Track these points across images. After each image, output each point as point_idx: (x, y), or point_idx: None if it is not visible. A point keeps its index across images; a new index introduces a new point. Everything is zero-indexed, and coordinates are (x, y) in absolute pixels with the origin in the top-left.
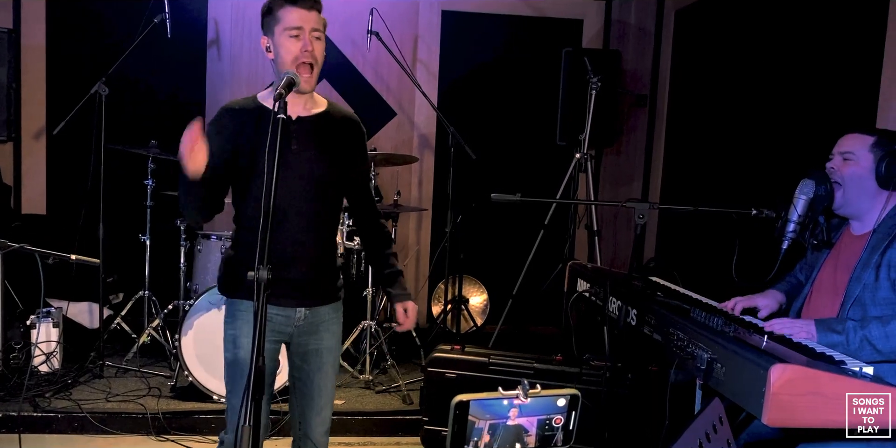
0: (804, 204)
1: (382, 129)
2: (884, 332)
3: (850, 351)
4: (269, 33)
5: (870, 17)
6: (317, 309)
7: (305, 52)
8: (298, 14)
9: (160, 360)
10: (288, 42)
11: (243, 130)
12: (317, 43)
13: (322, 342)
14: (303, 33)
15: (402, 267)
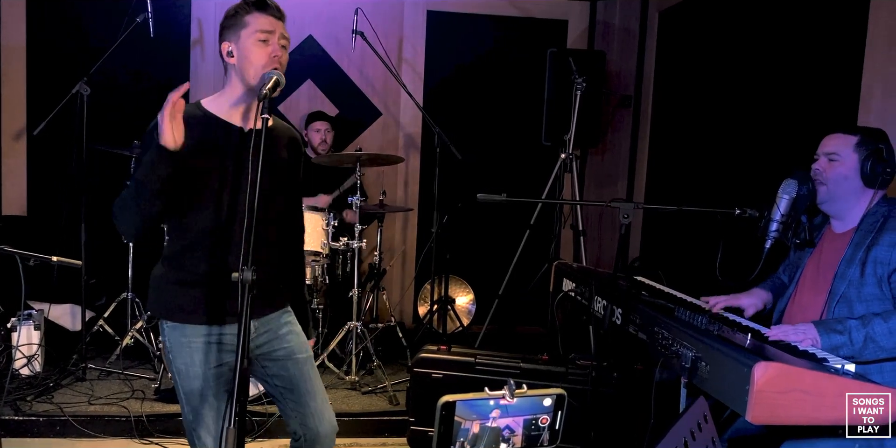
0: (787, 203)
1: (368, 129)
2: (886, 329)
3: (855, 350)
4: (233, 38)
5: (851, 17)
6: (266, 318)
7: (275, 57)
8: (268, 19)
9: (144, 363)
10: (256, 46)
11: (203, 137)
12: (283, 51)
13: (290, 344)
14: (272, 38)
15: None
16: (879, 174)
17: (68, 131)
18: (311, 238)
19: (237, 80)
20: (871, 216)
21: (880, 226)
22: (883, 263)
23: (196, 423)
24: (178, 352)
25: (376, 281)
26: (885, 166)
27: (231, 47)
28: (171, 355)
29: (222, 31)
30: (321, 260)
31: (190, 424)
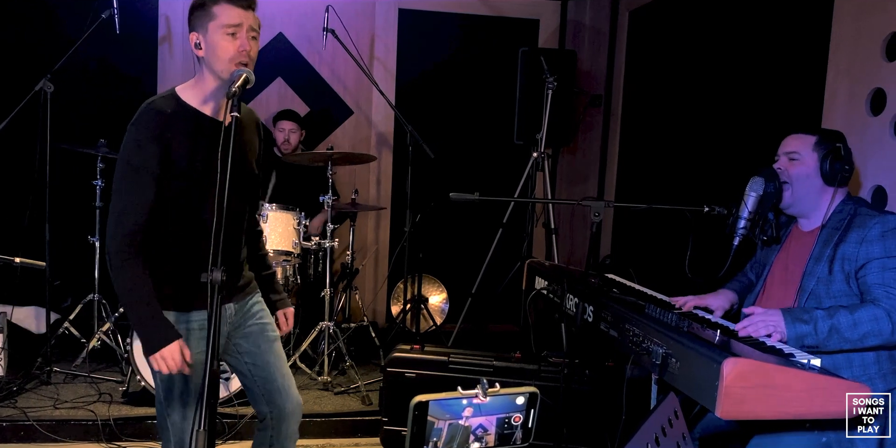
0: (754, 201)
1: (339, 128)
2: (852, 320)
3: (819, 340)
4: (201, 30)
5: (816, 19)
6: (243, 301)
7: (243, 51)
8: (236, 12)
9: (111, 365)
10: (224, 40)
11: (169, 133)
12: (253, 43)
13: (261, 322)
14: (240, 31)
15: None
16: (839, 172)
17: (31, 129)
18: (282, 238)
19: (206, 71)
20: (837, 214)
21: (847, 224)
22: (850, 260)
23: (169, 405)
24: None
25: (349, 280)
26: (843, 164)
27: (199, 39)
28: None
29: (190, 20)
30: (292, 260)
31: (162, 406)
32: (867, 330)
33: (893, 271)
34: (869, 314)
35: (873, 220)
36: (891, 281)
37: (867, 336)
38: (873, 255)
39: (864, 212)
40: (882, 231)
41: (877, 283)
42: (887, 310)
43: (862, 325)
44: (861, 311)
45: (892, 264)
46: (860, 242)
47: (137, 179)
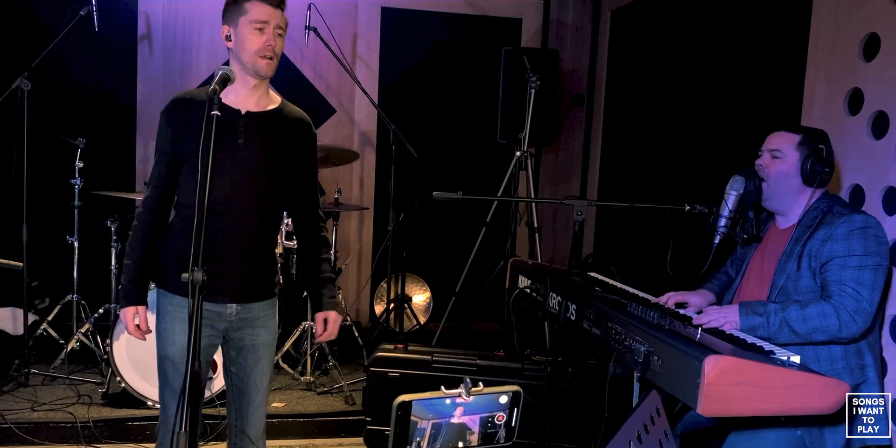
0: (735, 199)
1: (322, 127)
2: (802, 315)
3: (770, 332)
4: (232, 23)
5: (795, 18)
6: (249, 305)
7: (268, 46)
8: (266, 9)
9: (90, 367)
10: (252, 35)
11: (192, 121)
12: (279, 39)
13: (258, 338)
14: (268, 28)
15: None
16: (818, 174)
17: (9, 128)
18: None
19: (234, 63)
20: (811, 212)
21: (818, 221)
22: (816, 257)
23: (164, 386)
24: (162, 316)
25: None
26: (823, 166)
27: (229, 32)
28: (158, 318)
29: (224, 14)
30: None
31: (160, 388)
32: (815, 325)
33: (852, 270)
34: (818, 310)
35: (841, 219)
36: (847, 279)
37: (815, 331)
38: (836, 253)
39: (836, 210)
40: (848, 230)
41: (833, 280)
42: (836, 307)
43: (811, 320)
44: (812, 307)
45: (852, 263)
46: (826, 240)
47: (158, 158)
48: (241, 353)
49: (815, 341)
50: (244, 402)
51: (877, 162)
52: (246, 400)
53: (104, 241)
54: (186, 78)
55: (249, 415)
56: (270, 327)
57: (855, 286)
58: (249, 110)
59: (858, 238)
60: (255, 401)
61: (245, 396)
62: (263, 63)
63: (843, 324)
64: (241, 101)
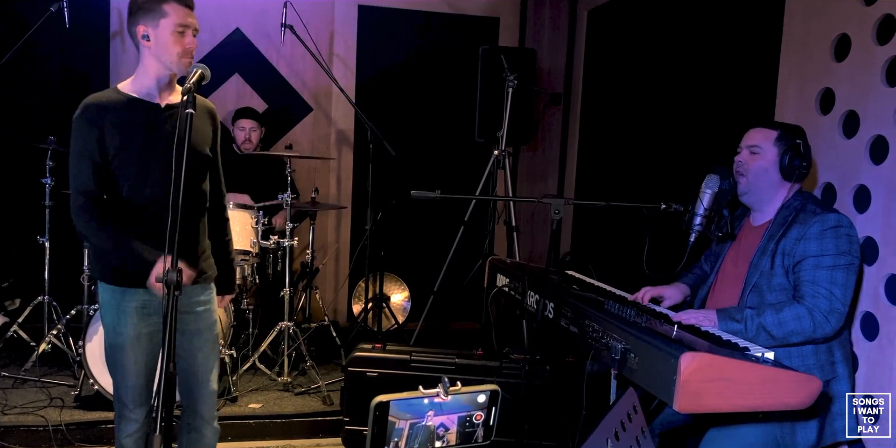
0: (709, 198)
1: (299, 125)
2: (777, 319)
3: (749, 338)
4: (151, 24)
5: (768, 20)
6: (190, 289)
7: (190, 49)
8: (186, 12)
9: (63, 369)
10: (174, 37)
11: (112, 121)
12: (194, 40)
13: (200, 322)
14: (188, 32)
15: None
16: (797, 168)
17: None
18: (240, 237)
19: (152, 61)
20: (785, 209)
21: (792, 219)
22: (789, 255)
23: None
24: (107, 310)
25: (309, 280)
26: (801, 160)
27: (147, 32)
28: (102, 311)
29: (137, 11)
30: (251, 259)
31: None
32: (791, 328)
33: (825, 270)
34: (792, 313)
35: (814, 218)
36: (820, 279)
37: (791, 334)
38: (809, 252)
39: (809, 208)
40: (821, 229)
41: (807, 280)
42: (809, 308)
43: (786, 323)
44: (786, 310)
45: (825, 263)
46: (799, 239)
47: (80, 160)
48: (186, 339)
49: (793, 343)
50: (193, 382)
51: (848, 160)
52: (194, 379)
53: (76, 242)
54: None
55: (200, 394)
56: (212, 310)
57: (828, 286)
58: (168, 104)
59: (831, 237)
60: (204, 379)
61: (193, 376)
62: (186, 63)
63: (818, 325)
64: (157, 95)
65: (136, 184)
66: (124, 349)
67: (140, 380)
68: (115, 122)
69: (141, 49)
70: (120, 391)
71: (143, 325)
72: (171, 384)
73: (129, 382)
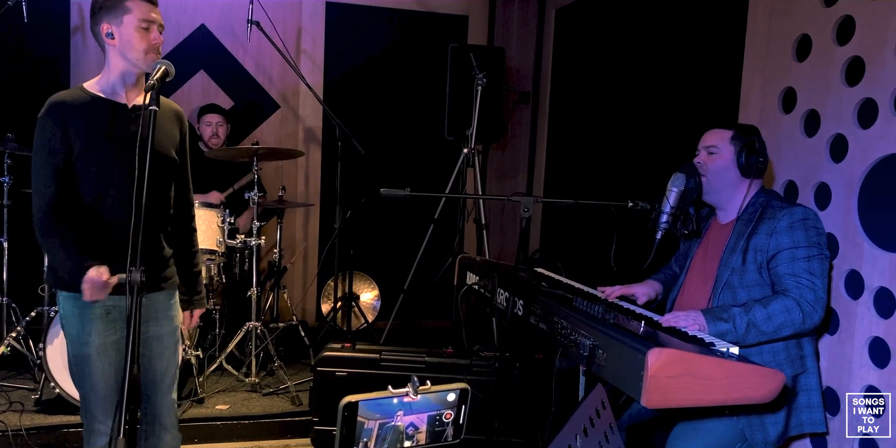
0: (676, 196)
1: (265, 122)
2: (766, 314)
3: (739, 336)
4: (115, 22)
5: (732, 19)
6: (150, 296)
7: (155, 44)
8: (149, 8)
9: (22, 372)
10: (139, 33)
11: (77, 120)
12: (160, 36)
13: (162, 328)
14: (153, 27)
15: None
16: (754, 164)
17: None
18: (206, 236)
19: (118, 59)
20: (750, 206)
21: (759, 216)
22: (762, 251)
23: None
24: (69, 320)
25: (276, 279)
26: (758, 156)
27: (111, 30)
28: (63, 322)
29: (99, 10)
30: (217, 258)
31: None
32: (781, 321)
33: (802, 261)
34: (781, 306)
35: (782, 212)
36: (800, 271)
37: (782, 327)
38: (782, 245)
39: (774, 204)
40: (790, 222)
41: (787, 273)
42: (797, 299)
43: (776, 317)
44: (774, 303)
45: (800, 254)
46: (770, 234)
47: (44, 159)
48: (146, 345)
49: (783, 337)
50: (153, 391)
51: (809, 159)
52: (154, 387)
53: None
54: None
55: (159, 402)
56: (173, 316)
57: (809, 277)
58: (135, 103)
59: (800, 229)
60: (163, 387)
61: (153, 385)
62: (152, 59)
63: (807, 315)
64: (124, 95)
65: (99, 186)
66: (91, 359)
67: (109, 390)
68: (80, 121)
69: (106, 48)
70: (90, 403)
71: (108, 333)
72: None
73: (99, 393)
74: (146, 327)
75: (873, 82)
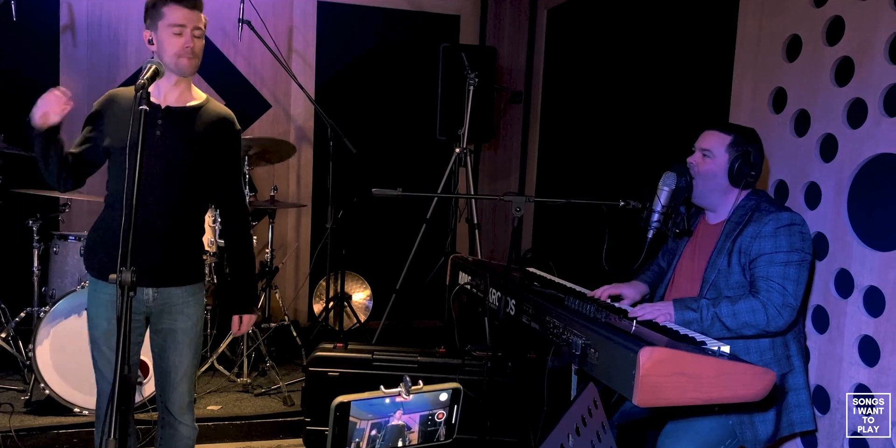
0: (667, 195)
1: (257, 122)
2: (732, 310)
3: (704, 327)
4: (153, 27)
5: (723, 19)
6: (167, 290)
7: (187, 48)
8: (182, 12)
9: (11, 374)
10: (171, 38)
11: (122, 117)
12: (197, 41)
13: (176, 323)
14: (185, 31)
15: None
16: (745, 176)
17: None
18: None
19: None
20: (740, 208)
21: (747, 218)
22: (745, 253)
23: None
24: (91, 302)
25: (268, 279)
26: (750, 169)
27: (151, 36)
28: (88, 303)
29: (144, 18)
30: (208, 258)
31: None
32: (744, 320)
33: (778, 266)
34: (747, 306)
35: (769, 217)
36: (773, 275)
37: (745, 326)
38: (764, 249)
39: (763, 207)
40: (775, 227)
41: (761, 276)
42: (764, 302)
43: (740, 315)
44: (741, 302)
45: (778, 259)
46: (755, 237)
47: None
48: (161, 336)
49: (746, 335)
50: (166, 382)
51: (799, 158)
52: (166, 379)
53: (25, 242)
54: (114, 70)
55: (170, 393)
56: (190, 314)
57: (781, 282)
58: (169, 105)
59: (784, 235)
60: (175, 380)
61: (166, 376)
62: (185, 62)
63: (771, 318)
64: (161, 96)
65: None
66: (98, 343)
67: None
68: (115, 115)
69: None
70: (101, 386)
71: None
72: (125, 387)
73: (106, 377)
74: (161, 320)
75: (863, 82)
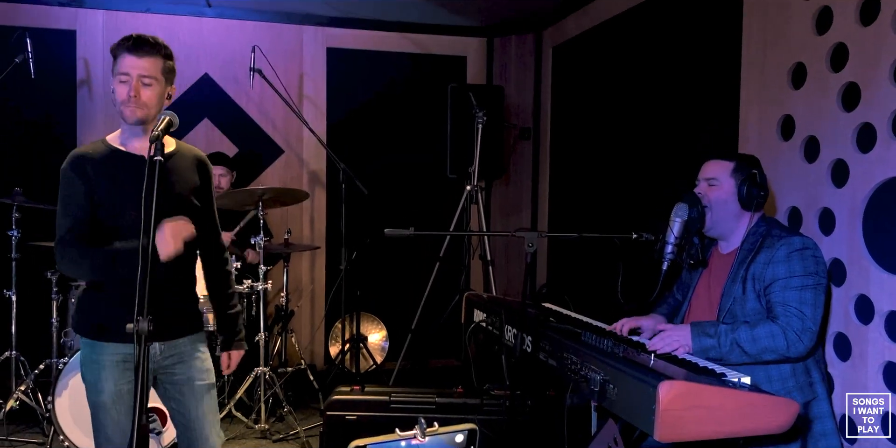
0: (680, 226)
1: (270, 167)
2: (751, 336)
3: (722, 353)
4: (112, 77)
5: (727, 50)
6: (173, 342)
7: (130, 96)
8: (129, 61)
9: (31, 426)
10: (118, 86)
11: (100, 173)
12: (144, 89)
13: (191, 369)
14: (130, 79)
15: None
16: (755, 197)
17: None
18: None
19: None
20: (751, 236)
21: (759, 244)
22: (759, 280)
23: (99, 437)
24: (87, 366)
25: (284, 323)
26: (758, 190)
27: (112, 85)
28: (82, 369)
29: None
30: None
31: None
32: (764, 345)
33: (794, 291)
34: (766, 331)
35: (780, 242)
36: (790, 300)
37: (765, 351)
38: (778, 275)
39: (774, 233)
40: (788, 252)
41: (777, 301)
42: (783, 327)
43: (760, 340)
44: (760, 327)
45: (793, 284)
46: (768, 263)
47: (65, 209)
48: (178, 389)
49: (766, 360)
50: (193, 438)
51: (811, 184)
52: (194, 435)
53: (44, 294)
54: None
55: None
56: (203, 359)
57: (798, 306)
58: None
59: (797, 259)
60: (204, 434)
61: (192, 432)
62: (128, 111)
63: (791, 343)
64: (141, 146)
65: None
66: (105, 407)
67: (124, 439)
68: (99, 173)
69: None
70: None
71: (123, 381)
72: (143, 439)
73: (114, 443)
74: (174, 371)
75: (870, 106)
